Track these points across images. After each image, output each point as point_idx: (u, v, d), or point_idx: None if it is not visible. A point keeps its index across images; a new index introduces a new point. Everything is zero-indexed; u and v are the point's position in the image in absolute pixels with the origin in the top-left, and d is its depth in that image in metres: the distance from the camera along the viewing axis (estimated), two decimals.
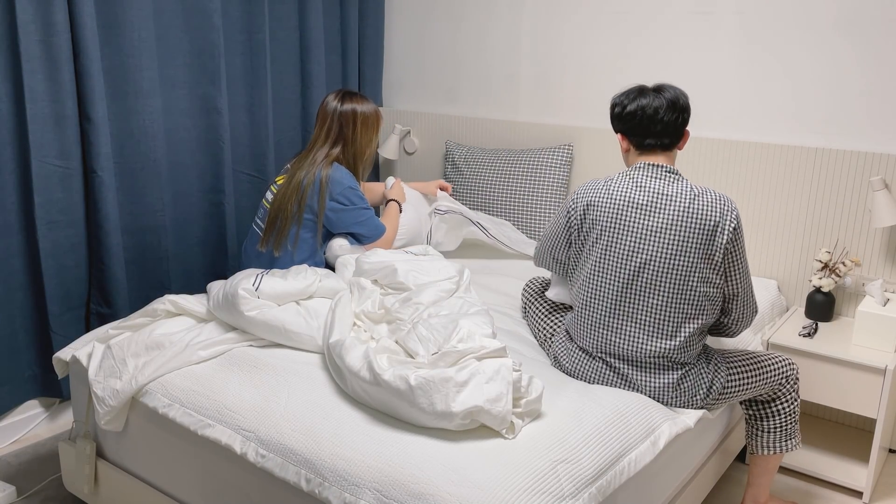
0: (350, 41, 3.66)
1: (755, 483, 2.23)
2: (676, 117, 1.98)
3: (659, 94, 1.98)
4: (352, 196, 2.53)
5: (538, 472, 1.57)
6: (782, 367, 2.12)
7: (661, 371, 1.96)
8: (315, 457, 1.67)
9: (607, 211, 1.98)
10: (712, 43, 2.92)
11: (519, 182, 3.25)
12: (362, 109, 2.57)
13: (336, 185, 2.50)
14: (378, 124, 2.63)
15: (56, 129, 2.57)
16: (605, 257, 1.98)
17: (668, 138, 2.00)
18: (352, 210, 2.53)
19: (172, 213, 2.99)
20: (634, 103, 1.99)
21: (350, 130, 2.55)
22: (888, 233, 2.65)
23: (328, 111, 2.56)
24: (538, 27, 3.35)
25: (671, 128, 1.98)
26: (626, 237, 1.95)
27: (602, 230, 1.98)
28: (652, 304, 1.93)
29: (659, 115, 1.96)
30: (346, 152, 2.57)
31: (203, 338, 2.12)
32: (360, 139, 2.58)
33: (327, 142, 2.55)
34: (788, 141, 2.82)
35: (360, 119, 2.56)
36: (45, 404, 2.81)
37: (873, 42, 2.61)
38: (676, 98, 1.98)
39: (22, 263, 2.61)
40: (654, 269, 1.92)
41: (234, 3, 3.09)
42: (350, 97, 2.58)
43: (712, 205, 1.91)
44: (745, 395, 2.08)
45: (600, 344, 2.00)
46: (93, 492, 2.22)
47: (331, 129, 2.55)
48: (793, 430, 2.16)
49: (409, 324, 2.01)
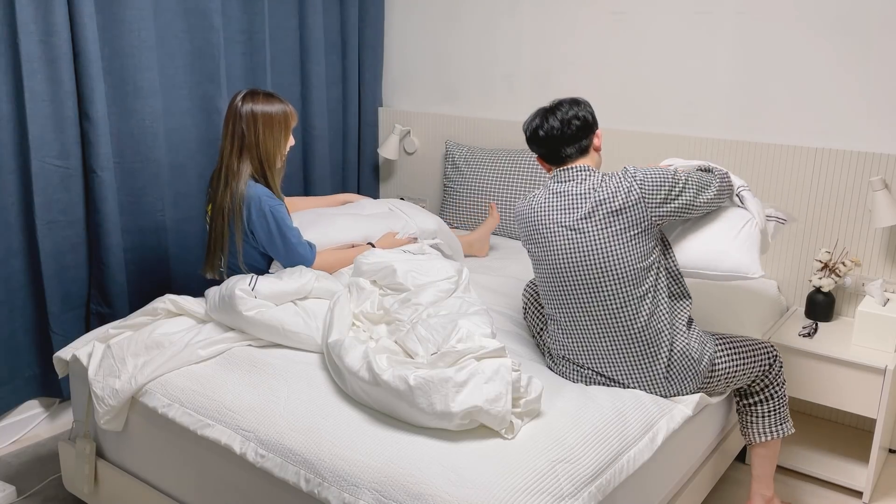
0: (350, 41, 3.66)
1: (759, 475, 2.24)
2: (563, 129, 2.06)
3: (552, 113, 2.07)
4: (267, 219, 2.32)
5: (537, 472, 1.58)
6: (766, 349, 2.17)
7: (646, 364, 1.98)
8: (314, 457, 1.67)
9: (532, 223, 2.07)
10: (712, 43, 2.92)
11: (519, 182, 3.25)
12: (265, 110, 2.32)
13: (252, 210, 2.31)
14: (287, 124, 2.38)
15: (56, 129, 2.57)
16: (546, 265, 2.05)
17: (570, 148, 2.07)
18: (266, 235, 2.34)
19: (172, 213, 2.99)
20: (536, 127, 2.09)
21: (252, 134, 2.31)
22: (888, 233, 2.65)
23: (231, 113, 2.34)
24: (538, 27, 3.35)
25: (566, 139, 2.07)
26: (555, 241, 2.02)
27: (535, 241, 2.07)
28: (604, 297, 1.97)
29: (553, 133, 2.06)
30: (251, 158, 2.34)
31: (202, 337, 2.12)
32: (265, 142, 2.33)
33: (233, 149, 2.33)
34: (788, 141, 2.82)
35: (262, 120, 2.31)
36: (45, 404, 2.81)
37: (873, 42, 2.61)
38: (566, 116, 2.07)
39: (22, 263, 2.61)
40: (592, 264, 1.97)
41: (233, 3, 3.09)
42: (253, 97, 2.34)
43: (614, 185, 1.98)
44: (736, 377, 2.10)
45: (583, 360, 2.04)
46: (93, 492, 2.22)
47: (234, 133, 2.33)
48: (785, 413, 2.20)
49: (408, 324, 2.01)
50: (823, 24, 2.69)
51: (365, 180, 3.94)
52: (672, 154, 3.01)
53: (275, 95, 2.38)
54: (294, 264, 2.37)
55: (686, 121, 3.04)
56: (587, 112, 2.08)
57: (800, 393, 2.51)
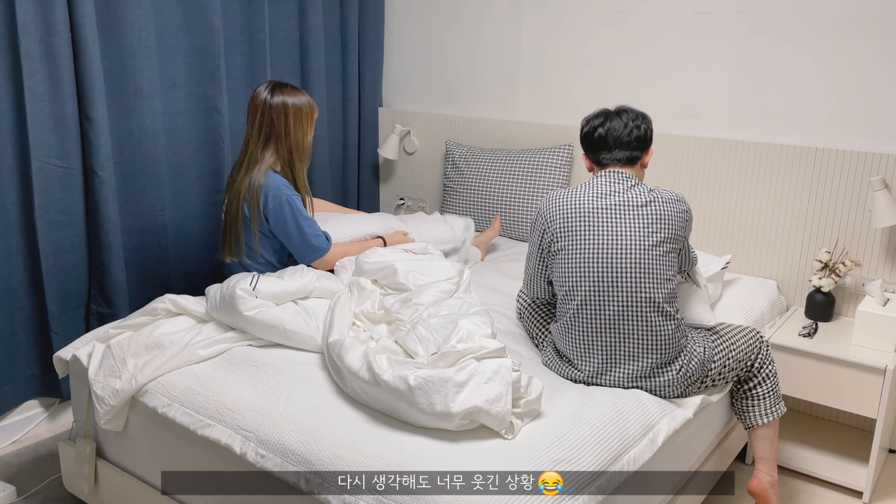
0: (350, 41, 3.66)
1: (763, 457, 2.23)
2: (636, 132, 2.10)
3: (618, 115, 2.12)
4: (283, 208, 2.39)
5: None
6: (750, 332, 2.20)
7: (662, 371, 1.97)
8: (314, 457, 1.67)
9: (572, 220, 2.03)
10: (712, 43, 2.92)
11: (519, 182, 3.24)
12: (294, 101, 2.42)
13: (269, 198, 2.38)
14: (312, 116, 2.48)
15: (56, 129, 2.57)
16: (580, 263, 2.01)
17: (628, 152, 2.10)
18: (282, 224, 2.41)
19: (172, 213, 2.99)
20: (604, 126, 2.11)
21: (282, 125, 2.41)
22: (888, 233, 2.65)
23: (258, 105, 2.42)
24: (538, 27, 3.35)
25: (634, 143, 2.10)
26: (597, 240, 2.00)
27: (571, 238, 2.03)
28: (635, 288, 1.96)
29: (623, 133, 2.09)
30: (279, 148, 2.43)
31: (202, 337, 2.12)
32: (294, 133, 2.43)
33: (260, 138, 2.42)
34: (788, 141, 2.82)
35: (293, 112, 2.42)
36: (45, 404, 2.81)
37: (873, 42, 2.61)
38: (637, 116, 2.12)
39: (22, 263, 2.61)
40: (632, 264, 1.97)
41: (234, 3, 3.09)
42: (281, 89, 2.44)
43: (667, 196, 2.05)
44: (732, 368, 2.12)
45: (599, 370, 2.01)
46: (93, 492, 2.22)
47: (262, 123, 2.41)
48: (779, 392, 2.24)
49: (408, 324, 2.01)
50: (823, 24, 2.69)
51: (365, 180, 3.94)
52: (672, 154, 3.02)
53: (298, 88, 2.47)
54: (309, 254, 2.45)
55: (686, 121, 3.04)
56: (649, 127, 2.12)
57: (800, 393, 2.51)
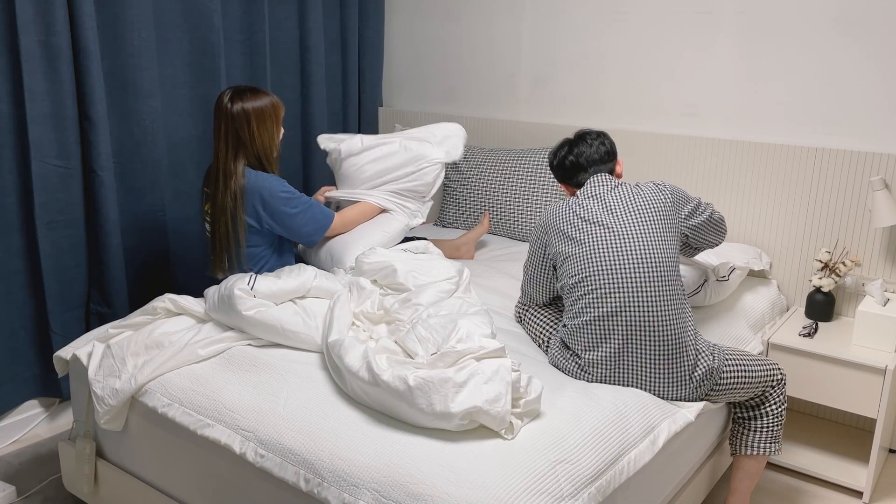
0: (350, 41, 3.66)
1: (737, 489, 2.22)
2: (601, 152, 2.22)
3: (582, 140, 2.23)
4: (279, 196, 2.38)
5: (537, 473, 1.57)
6: (773, 369, 2.14)
7: (671, 367, 1.98)
8: (314, 457, 1.67)
9: (575, 224, 2.08)
10: (712, 43, 2.92)
11: (519, 182, 3.24)
12: (254, 106, 2.35)
13: (262, 193, 2.36)
14: (277, 116, 2.41)
15: (56, 129, 2.57)
16: (591, 255, 2.03)
17: None
18: (282, 210, 2.41)
19: (172, 213, 2.99)
20: (570, 154, 2.23)
21: (246, 133, 2.35)
22: (888, 233, 2.65)
23: (221, 114, 2.36)
24: (538, 27, 3.35)
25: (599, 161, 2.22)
26: (602, 228, 2.05)
27: (578, 241, 2.05)
28: (644, 285, 1.99)
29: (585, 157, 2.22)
30: (248, 155, 2.38)
31: (202, 337, 2.12)
32: (260, 137, 2.37)
33: (229, 150, 2.36)
34: (788, 141, 2.82)
35: (255, 117, 2.35)
36: (45, 404, 2.81)
37: (873, 42, 2.61)
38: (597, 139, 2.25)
39: (22, 263, 2.61)
40: (639, 249, 2.02)
41: (233, 3, 3.09)
42: (240, 95, 2.36)
43: (649, 190, 2.15)
44: (740, 389, 2.08)
45: (617, 376, 2.00)
46: (92, 492, 2.22)
47: (227, 134, 2.36)
48: (778, 433, 2.17)
49: (408, 324, 2.01)
50: (823, 24, 2.69)
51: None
52: (671, 154, 3.02)
53: (259, 89, 2.41)
54: (315, 232, 2.47)
55: (686, 121, 3.04)
56: (611, 141, 2.26)
57: (800, 393, 2.51)
